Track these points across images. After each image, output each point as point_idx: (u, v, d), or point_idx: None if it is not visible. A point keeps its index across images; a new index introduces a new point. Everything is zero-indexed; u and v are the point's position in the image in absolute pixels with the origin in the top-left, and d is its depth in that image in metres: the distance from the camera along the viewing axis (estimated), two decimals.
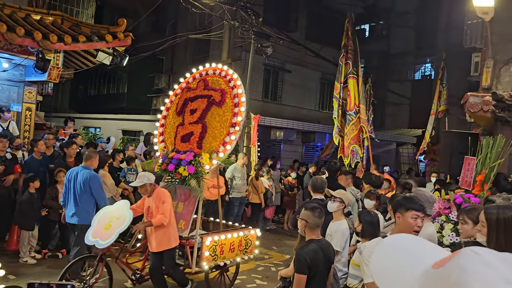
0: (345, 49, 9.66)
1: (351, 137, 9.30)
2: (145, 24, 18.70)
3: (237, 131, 4.96)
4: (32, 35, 7.11)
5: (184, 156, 4.95)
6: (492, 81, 7.95)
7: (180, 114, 5.51)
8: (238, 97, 5.10)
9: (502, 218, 2.64)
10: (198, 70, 5.85)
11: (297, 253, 3.26)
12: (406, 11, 21.05)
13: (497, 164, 4.60)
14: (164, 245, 4.77)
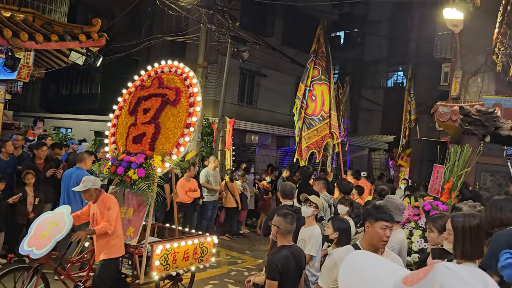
0: (315, 54, 9.69)
1: (311, 142, 9.31)
2: (120, 24, 18.42)
3: (191, 132, 4.70)
4: (2, 32, 6.90)
5: (135, 159, 4.66)
6: (461, 91, 8.23)
7: (132, 113, 5.18)
8: (194, 96, 4.84)
9: (468, 226, 2.74)
10: (153, 68, 5.56)
11: (269, 260, 3.28)
12: (379, 19, 21.51)
13: (464, 172, 4.76)
14: (106, 254, 4.42)
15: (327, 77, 9.66)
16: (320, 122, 9.46)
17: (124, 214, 4.85)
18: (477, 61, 8.15)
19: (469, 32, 7.77)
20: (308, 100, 9.38)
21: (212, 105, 14.64)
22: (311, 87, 9.46)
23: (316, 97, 9.48)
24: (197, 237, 5.28)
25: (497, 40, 6.76)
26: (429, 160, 5.86)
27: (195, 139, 10.96)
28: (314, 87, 9.49)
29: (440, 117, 5.87)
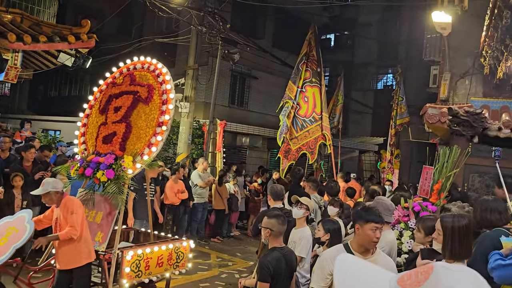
0: (306, 57, 9.74)
1: (303, 143, 9.34)
2: (110, 26, 18.31)
3: (164, 131, 4.46)
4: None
5: (104, 159, 4.40)
6: (449, 93, 8.32)
7: (103, 112, 4.91)
8: (167, 93, 4.60)
9: (457, 227, 2.77)
10: (126, 64, 5.29)
11: (260, 262, 3.28)
12: (369, 22, 21.68)
13: (453, 173, 4.80)
14: (74, 262, 4.14)
15: (318, 79, 9.70)
16: (311, 123, 9.49)
17: (93, 218, 4.58)
18: (465, 64, 8.25)
19: (458, 35, 7.87)
20: (300, 101, 9.41)
21: (203, 107, 14.61)
22: (303, 89, 9.49)
23: (308, 99, 9.52)
24: (172, 241, 5.03)
25: (485, 43, 6.85)
26: (418, 161, 5.92)
27: (186, 141, 10.93)
28: (306, 89, 9.52)
29: (429, 118, 5.92)
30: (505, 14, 5.24)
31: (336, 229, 4.02)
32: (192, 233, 9.12)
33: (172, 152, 12.40)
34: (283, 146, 9.16)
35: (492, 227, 3.18)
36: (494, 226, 3.18)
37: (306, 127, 9.42)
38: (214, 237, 9.64)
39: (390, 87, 22.15)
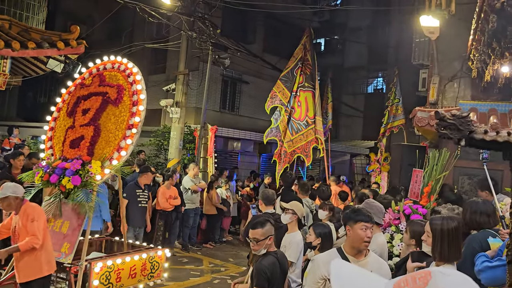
0: (301, 62, 9.81)
1: (297, 146, 9.39)
2: (100, 32, 18.23)
3: (134, 134, 4.22)
4: None
5: (70, 165, 4.11)
6: (438, 97, 8.40)
7: (71, 115, 4.63)
8: (137, 94, 4.40)
9: (446, 229, 2.79)
10: (95, 64, 5.03)
11: (257, 267, 3.27)
12: (359, 27, 21.85)
13: (443, 176, 4.84)
14: (34, 273, 3.86)
15: (311, 84, 9.77)
16: (305, 127, 9.54)
17: (59, 228, 4.29)
18: (454, 67, 8.34)
19: (445, 39, 7.96)
20: (295, 105, 9.50)
21: (194, 112, 14.58)
22: (297, 93, 9.56)
23: (301, 103, 9.58)
24: (146, 250, 4.78)
25: (472, 47, 6.93)
26: (409, 164, 5.96)
27: (177, 146, 10.89)
28: (299, 93, 9.59)
29: (418, 122, 5.98)
30: (491, 18, 5.31)
31: (327, 233, 4.03)
32: (184, 239, 9.07)
33: (164, 158, 12.35)
34: (278, 149, 9.21)
35: (480, 229, 3.21)
36: (482, 228, 3.21)
37: (301, 130, 9.49)
38: (206, 243, 9.60)
39: (380, 90, 22.31)
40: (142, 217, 7.29)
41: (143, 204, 7.26)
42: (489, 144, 1.74)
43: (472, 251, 2.93)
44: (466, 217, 3.36)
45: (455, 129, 1.78)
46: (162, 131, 12.73)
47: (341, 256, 3.04)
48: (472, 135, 1.73)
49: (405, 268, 3.12)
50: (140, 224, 7.23)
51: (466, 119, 1.74)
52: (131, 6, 9.95)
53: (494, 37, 5.67)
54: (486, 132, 1.70)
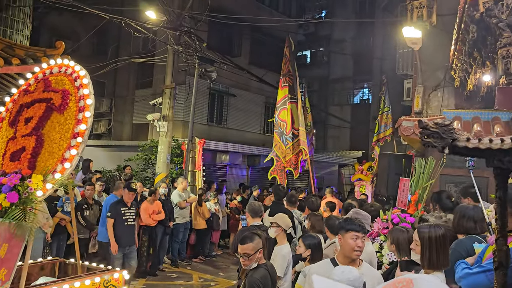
0: (283, 74, 9.92)
1: (287, 159, 9.42)
2: (86, 47, 18.18)
3: (80, 144, 3.82)
4: None
5: (7, 180, 3.75)
6: (423, 106, 8.52)
7: (13, 124, 4.22)
8: (84, 99, 4.00)
9: (434, 236, 2.81)
10: (42, 69, 4.58)
11: (249, 281, 3.24)
12: (343, 39, 22.19)
13: (429, 184, 4.88)
14: None
15: (294, 95, 9.82)
16: (292, 140, 9.57)
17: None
18: (437, 77, 8.49)
19: (428, 49, 8.11)
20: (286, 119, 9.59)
21: (182, 126, 14.55)
22: (285, 105, 9.65)
23: (287, 116, 9.65)
24: (101, 274, 4.32)
25: (454, 57, 7.08)
26: (396, 173, 6.00)
27: (164, 160, 10.82)
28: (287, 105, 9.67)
29: (404, 131, 6.05)
30: (471, 29, 5.44)
31: (317, 243, 4.02)
32: (174, 254, 8.96)
33: (151, 172, 12.26)
34: (277, 165, 9.23)
35: (467, 234, 3.23)
36: (469, 234, 3.23)
37: (288, 144, 9.51)
38: (196, 257, 9.50)
39: (367, 101, 22.59)
40: (130, 235, 7.01)
41: (130, 222, 6.95)
42: (472, 151, 1.76)
43: (458, 256, 2.95)
44: (455, 221, 3.39)
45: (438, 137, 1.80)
46: (150, 145, 12.66)
47: (334, 266, 3.05)
48: (455, 143, 1.75)
49: (393, 277, 3.12)
50: (129, 243, 6.96)
51: (448, 127, 1.76)
52: (116, 21, 9.95)
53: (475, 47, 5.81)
54: (468, 140, 1.73)
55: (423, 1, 5.79)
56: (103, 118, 17.68)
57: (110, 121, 17.62)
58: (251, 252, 3.25)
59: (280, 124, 9.55)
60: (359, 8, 22.77)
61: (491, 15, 4.72)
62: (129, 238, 6.99)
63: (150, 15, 10.48)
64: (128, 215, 6.94)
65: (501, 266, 2.14)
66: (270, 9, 18.71)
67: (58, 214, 7.06)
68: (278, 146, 9.38)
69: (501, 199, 2.11)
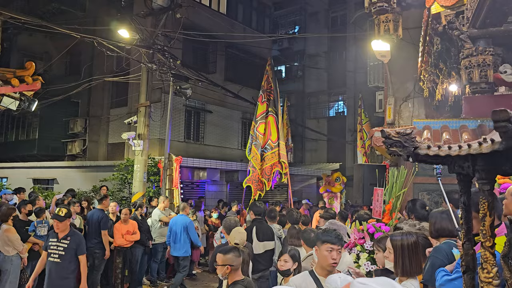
0: (263, 89, 10.07)
1: (263, 169, 9.51)
2: (59, 67, 17.96)
3: None
4: None
5: None
6: (395, 117, 8.72)
7: None
8: None
9: (406, 244, 2.86)
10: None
11: None
12: (317, 53, 22.60)
13: (402, 193, 4.98)
14: None
15: (274, 109, 9.97)
16: (267, 151, 9.65)
17: None
18: (407, 88, 8.72)
19: (397, 61, 8.34)
20: (257, 134, 9.70)
21: (158, 144, 14.43)
22: (261, 120, 9.79)
23: (264, 130, 9.76)
24: None
25: (422, 68, 7.30)
26: (370, 184, 6.08)
27: (141, 179, 10.68)
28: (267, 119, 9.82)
29: (376, 142, 6.16)
30: (435, 41, 5.64)
31: (298, 256, 4.03)
32: (153, 274, 8.79)
33: (128, 192, 12.07)
34: (253, 175, 9.28)
35: (451, 236, 3.26)
36: (452, 235, 3.26)
37: (263, 155, 9.61)
38: None
39: (342, 113, 22.94)
40: (55, 279, 5.16)
41: (54, 258, 5.34)
42: (434, 158, 1.82)
43: (440, 263, 2.98)
44: (436, 225, 3.36)
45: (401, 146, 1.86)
46: (126, 164, 12.49)
47: (313, 278, 3.06)
48: (416, 151, 1.81)
49: None
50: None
51: (410, 136, 1.82)
52: (88, 40, 9.89)
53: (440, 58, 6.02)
54: (429, 147, 1.78)
55: (389, 16, 5.98)
56: (78, 139, 17.38)
57: (85, 142, 17.32)
58: (219, 262, 3.25)
59: (258, 137, 9.68)
60: (330, 23, 23.29)
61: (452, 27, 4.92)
62: (52, 282, 5.11)
63: (123, 34, 10.46)
64: (53, 249, 5.16)
65: (468, 270, 2.19)
66: (243, 26, 18.93)
67: (30, 239, 6.85)
68: (254, 158, 9.48)
69: (465, 204, 2.18)
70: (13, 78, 7.67)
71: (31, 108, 8.02)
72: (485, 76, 4.89)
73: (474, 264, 2.20)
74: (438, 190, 6.10)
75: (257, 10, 20.31)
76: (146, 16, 10.90)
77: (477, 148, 1.65)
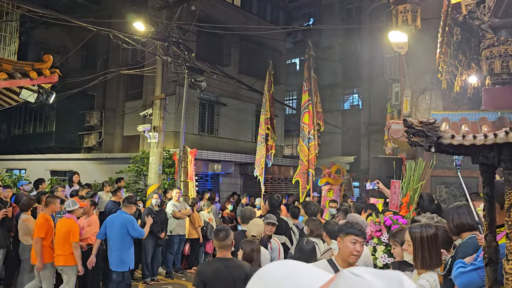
0: (304, 79, 10.22)
1: (306, 160, 9.55)
2: (75, 60, 18.15)
3: None
4: None
5: None
6: (412, 109, 8.60)
7: None
8: None
9: (425, 236, 2.82)
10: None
11: (197, 269, 3.62)
12: (332, 46, 22.39)
13: (420, 185, 4.91)
14: None
15: (311, 97, 10.08)
16: (311, 141, 9.74)
17: None
18: (424, 80, 8.59)
19: (414, 53, 8.21)
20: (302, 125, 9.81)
21: (173, 137, 14.51)
22: (304, 110, 9.87)
23: (308, 120, 9.86)
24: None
25: (440, 60, 7.17)
26: (387, 176, 6.02)
27: (156, 171, 10.77)
28: (304, 113, 9.90)
29: (393, 134, 6.10)
30: (455, 31, 5.53)
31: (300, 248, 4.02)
32: (168, 265, 8.88)
33: (143, 184, 12.18)
34: (301, 168, 9.39)
35: (472, 230, 3.20)
36: (473, 229, 3.20)
37: (309, 144, 9.70)
38: (190, 268, 9.41)
39: (357, 106, 22.74)
40: None
41: None
42: (457, 148, 1.78)
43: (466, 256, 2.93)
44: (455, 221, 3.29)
45: (423, 136, 1.82)
46: (141, 156, 12.60)
47: (332, 267, 3.05)
48: (440, 141, 1.77)
49: None
50: None
51: (433, 125, 1.79)
52: (104, 33, 9.95)
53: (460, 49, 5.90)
54: (453, 137, 1.75)
55: (407, 6, 5.87)
56: (94, 131, 17.59)
57: (100, 134, 17.52)
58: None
59: (303, 128, 9.74)
60: (346, 15, 23.02)
61: (473, 17, 4.81)
62: None
63: (138, 27, 10.50)
64: None
65: (491, 262, 2.16)
66: (258, 18, 18.84)
67: None
68: (302, 150, 9.55)
69: (488, 195, 2.14)
70: (31, 71, 7.77)
71: (49, 100, 8.12)
72: (506, 67, 4.78)
73: (497, 256, 2.16)
74: (456, 183, 6.02)
75: (271, 2, 20.19)
76: (161, 9, 10.90)
77: (503, 137, 1.61)
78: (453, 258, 3.00)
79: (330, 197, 11.27)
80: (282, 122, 19.99)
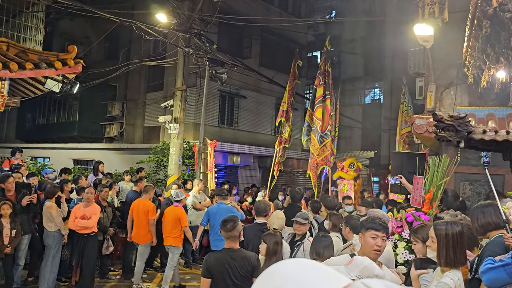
0: (320, 72, 10.11)
1: (321, 158, 9.49)
2: (98, 51, 18.39)
3: None
4: None
5: None
6: (436, 104, 8.42)
7: None
8: None
9: (451, 234, 2.76)
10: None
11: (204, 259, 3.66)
12: (354, 39, 22.07)
13: (444, 182, 4.81)
14: None
15: (328, 92, 9.98)
16: (327, 137, 9.67)
17: None
18: (450, 74, 8.39)
19: (440, 46, 8.02)
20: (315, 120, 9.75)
21: (193, 128, 14.60)
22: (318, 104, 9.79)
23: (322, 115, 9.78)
24: None
25: (467, 53, 6.98)
26: (409, 172, 5.93)
27: (176, 162, 10.86)
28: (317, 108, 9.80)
29: (417, 129, 5.98)
30: (484, 24, 5.36)
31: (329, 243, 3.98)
32: (187, 255, 8.97)
33: (163, 175, 12.31)
34: (311, 162, 9.37)
35: (498, 229, 3.12)
36: (499, 228, 3.12)
37: (323, 141, 9.63)
38: None
39: (378, 101, 22.42)
40: None
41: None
42: (489, 144, 1.73)
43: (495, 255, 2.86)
44: (480, 220, 3.22)
45: (453, 131, 1.77)
46: (161, 147, 12.73)
47: None
48: (470, 136, 1.72)
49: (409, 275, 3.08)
50: None
51: (464, 120, 1.74)
52: (127, 24, 10.04)
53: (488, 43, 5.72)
54: (484, 132, 1.69)
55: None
56: (115, 122, 17.84)
57: (122, 125, 17.76)
58: None
59: (315, 122, 9.69)
60: (369, 7, 22.62)
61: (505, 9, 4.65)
62: None
63: (161, 18, 10.55)
64: None
65: None
66: (279, 11, 18.70)
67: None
68: (312, 144, 9.53)
69: None
70: (56, 61, 7.90)
71: (73, 90, 8.26)
72: None
73: None
74: (481, 180, 5.89)
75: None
76: (183, 0, 10.93)
77: None
78: (480, 257, 2.93)
79: (345, 192, 11.19)
80: (302, 116, 19.88)
